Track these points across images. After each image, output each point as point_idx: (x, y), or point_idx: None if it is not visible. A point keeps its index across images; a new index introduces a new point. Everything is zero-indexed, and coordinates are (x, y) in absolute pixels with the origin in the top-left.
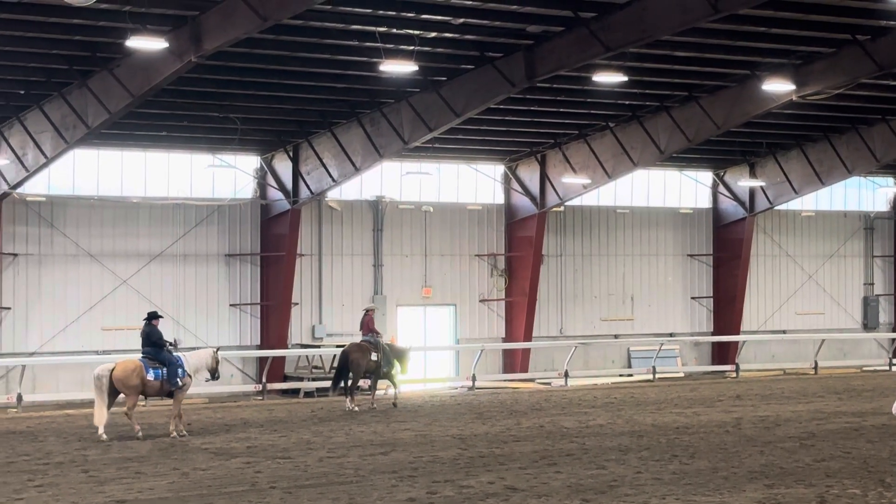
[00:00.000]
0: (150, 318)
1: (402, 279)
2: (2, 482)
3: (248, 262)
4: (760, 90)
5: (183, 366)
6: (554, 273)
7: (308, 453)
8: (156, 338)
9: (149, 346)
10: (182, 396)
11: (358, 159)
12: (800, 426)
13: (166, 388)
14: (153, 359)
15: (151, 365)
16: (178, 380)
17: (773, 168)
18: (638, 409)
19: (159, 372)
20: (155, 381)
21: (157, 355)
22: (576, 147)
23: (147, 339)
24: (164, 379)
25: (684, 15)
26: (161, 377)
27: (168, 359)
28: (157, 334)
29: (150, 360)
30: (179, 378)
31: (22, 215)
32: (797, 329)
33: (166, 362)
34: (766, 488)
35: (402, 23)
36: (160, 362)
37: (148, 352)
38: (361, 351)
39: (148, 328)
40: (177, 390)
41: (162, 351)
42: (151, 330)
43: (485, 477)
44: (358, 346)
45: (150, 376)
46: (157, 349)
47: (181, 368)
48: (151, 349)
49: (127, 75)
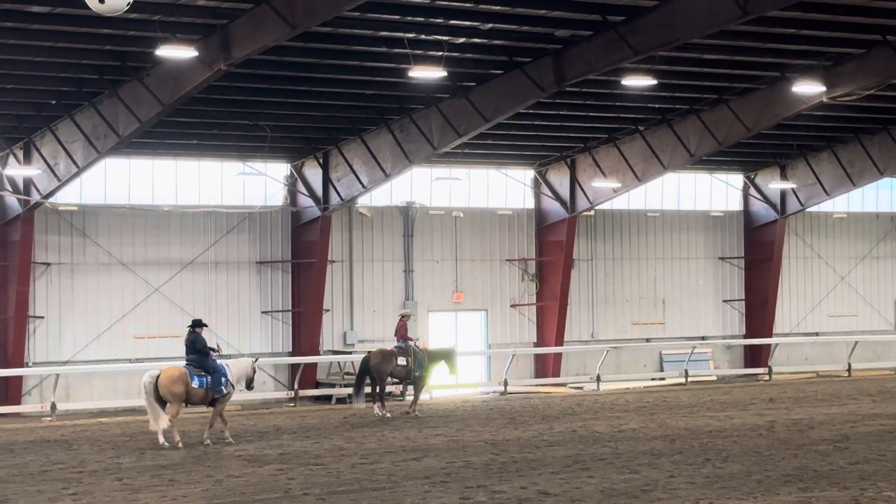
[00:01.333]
0: (194, 325)
1: (433, 285)
2: (36, 490)
3: (279, 269)
4: (790, 92)
5: (227, 374)
6: (585, 277)
7: (341, 460)
8: (201, 345)
9: (193, 353)
10: (224, 406)
11: (388, 165)
12: (833, 429)
13: (210, 396)
14: (198, 366)
15: (196, 372)
16: (223, 388)
17: (804, 170)
18: (670, 413)
19: (204, 380)
20: (200, 389)
21: (201, 363)
22: (605, 151)
23: (192, 347)
24: (208, 387)
25: (713, 17)
26: (206, 385)
27: (213, 366)
28: (201, 342)
29: (196, 368)
30: (224, 386)
31: (54, 225)
32: (830, 331)
33: (211, 370)
34: (799, 491)
35: (430, 29)
36: (205, 370)
37: (193, 359)
38: (384, 356)
39: (192, 336)
40: (220, 399)
41: (207, 359)
42: (196, 337)
43: (517, 482)
44: (380, 351)
45: (196, 384)
46: (202, 357)
47: (225, 377)
48: (196, 357)
49: (157, 84)
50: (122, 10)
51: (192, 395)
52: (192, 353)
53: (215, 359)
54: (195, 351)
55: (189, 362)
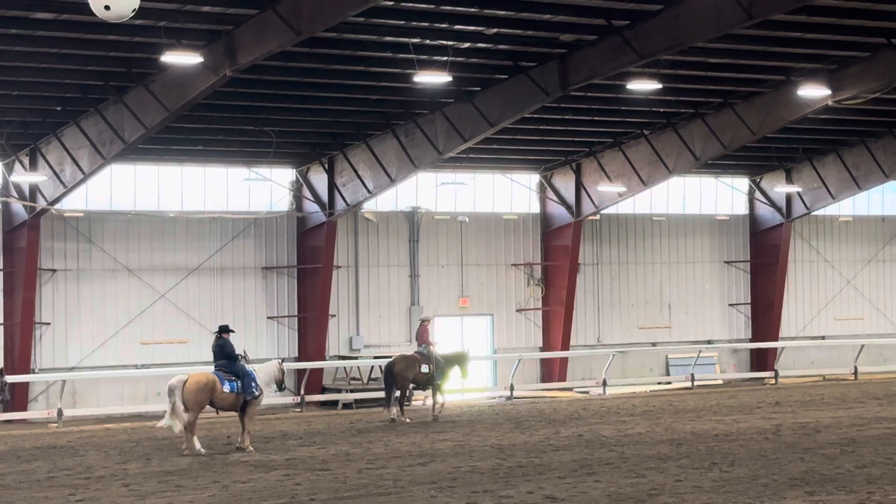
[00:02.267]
0: (221, 331)
1: (438, 289)
2: (43, 497)
3: (284, 274)
4: (796, 95)
5: (256, 378)
6: (591, 281)
7: (347, 465)
8: (229, 350)
9: (222, 358)
10: (255, 410)
11: (393, 170)
12: (840, 432)
13: (240, 401)
14: (228, 371)
15: (226, 377)
16: (254, 391)
17: (810, 173)
18: (677, 417)
19: (235, 384)
20: (230, 394)
21: (231, 368)
22: (611, 155)
23: (220, 352)
24: (239, 391)
25: (718, 21)
26: (237, 390)
27: (242, 371)
28: (230, 347)
29: (225, 373)
30: (254, 390)
31: (60, 231)
32: (836, 335)
33: (241, 374)
34: (807, 495)
35: (435, 34)
36: (234, 375)
37: (222, 364)
38: (408, 363)
39: (221, 341)
40: (251, 403)
41: (236, 363)
42: (224, 343)
43: (524, 487)
44: (403, 357)
45: (227, 388)
46: (231, 362)
47: (254, 381)
48: (225, 362)
49: (162, 90)
50: (128, 16)
51: (222, 400)
52: (221, 359)
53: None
54: (224, 356)
55: (218, 368)
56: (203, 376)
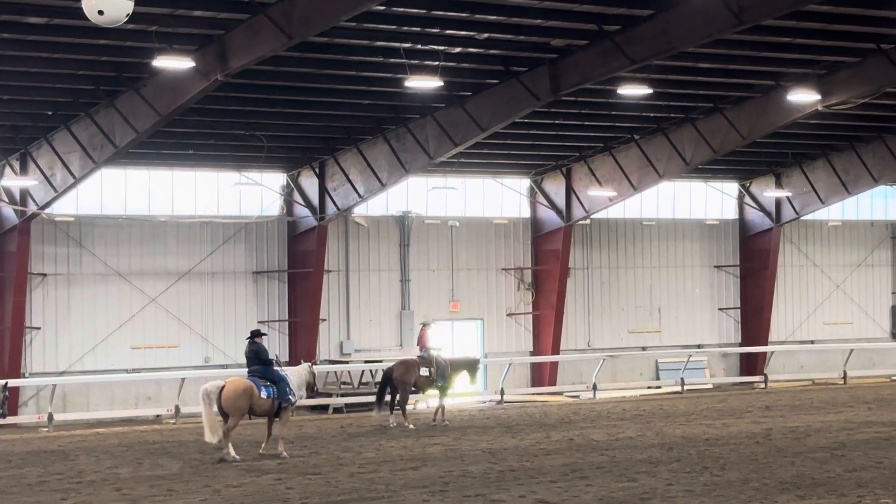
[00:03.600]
0: (254, 336)
1: (429, 294)
2: (35, 501)
3: (275, 278)
4: (785, 100)
5: (289, 383)
6: (581, 286)
7: (338, 469)
8: (264, 356)
9: (257, 364)
10: (289, 416)
11: (384, 175)
12: (830, 436)
13: (275, 407)
14: (263, 377)
15: (262, 383)
16: (289, 396)
17: (799, 178)
18: (667, 421)
19: (271, 390)
20: (266, 400)
21: (265, 373)
22: (601, 160)
23: (255, 358)
24: (274, 397)
25: (708, 27)
26: (272, 395)
27: (277, 376)
28: (265, 352)
29: (261, 379)
30: (290, 395)
31: (51, 235)
32: (825, 339)
33: (276, 380)
34: (797, 499)
35: (426, 39)
36: (270, 380)
37: (256, 370)
38: (406, 367)
39: (255, 346)
40: (285, 409)
41: (270, 368)
42: (259, 348)
43: (515, 491)
44: (402, 362)
45: (263, 394)
46: (266, 367)
47: (289, 386)
48: (260, 367)
49: (154, 95)
50: (121, 21)
51: (260, 406)
52: (256, 364)
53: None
54: (259, 361)
55: (252, 373)
56: (241, 382)
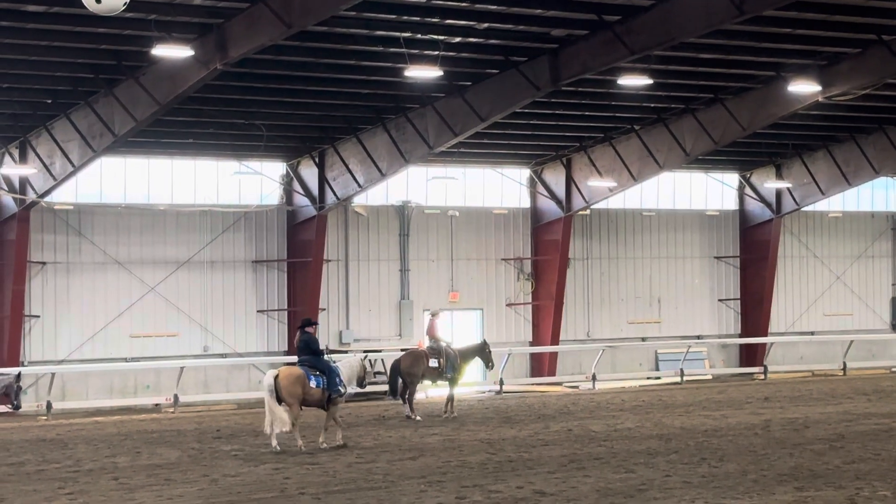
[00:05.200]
0: (305, 325)
1: (428, 284)
2: (32, 490)
3: (275, 268)
4: (786, 91)
5: (340, 374)
6: (581, 276)
7: (337, 459)
8: (315, 346)
9: (308, 353)
10: (339, 407)
11: (384, 165)
12: (829, 428)
13: (325, 397)
14: (313, 366)
15: (312, 373)
16: (339, 388)
17: (800, 169)
18: (666, 412)
19: (320, 380)
20: (317, 390)
21: (316, 363)
22: (601, 150)
23: (306, 348)
24: (324, 387)
25: (709, 17)
26: (322, 385)
27: (327, 367)
28: (316, 342)
29: (311, 368)
30: (339, 386)
31: (50, 224)
32: (825, 330)
33: (326, 370)
34: (795, 491)
35: (426, 28)
36: (320, 370)
37: (306, 360)
38: (414, 359)
39: (306, 336)
40: (335, 400)
41: (321, 359)
42: (310, 338)
43: (513, 481)
44: (411, 353)
45: (313, 384)
46: (317, 357)
47: (339, 377)
48: (310, 357)
49: (153, 83)
50: (119, 9)
51: (311, 395)
52: (307, 354)
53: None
54: (310, 351)
55: (302, 363)
56: (293, 369)
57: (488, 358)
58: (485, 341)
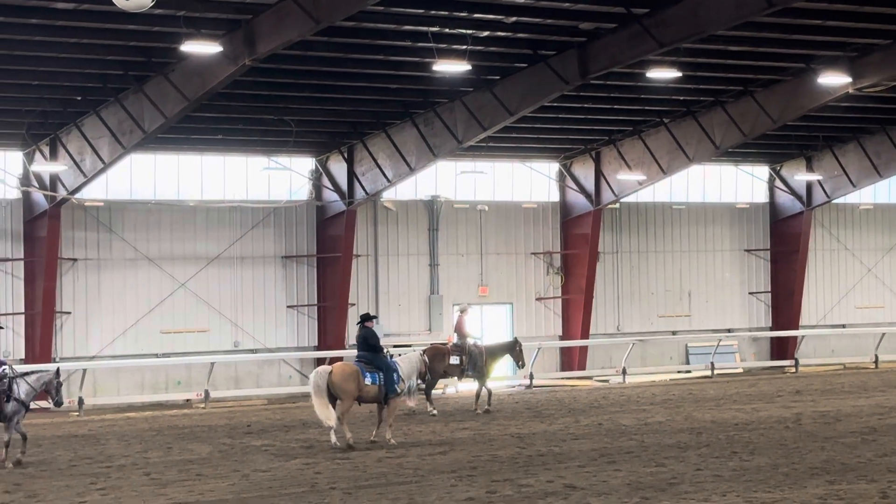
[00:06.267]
0: (364, 319)
1: (458, 278)
2: (65, 485)
3: (304, 263)
4: (816, 83)
5: (399, 371)
6: (610, 270)
7: (367, 453)
8: (374, 341)
9: (366, 349)
10: (398, 405)
11: (412, 159)
12: (861, 421)
13: (382, 394)
14: (369, 363)
15: (368, 369)
16: (397, 386)
17: (831, 161)
18: (697, 406)
19: (376, 377)
20: (372, 386)
21: (373, 360)
22: (630, 143)
23: (365, 343)
24: (381, 384)
25: (738, 9)
26: (378, 382)
27: (385, 363)
28: (375, 338)
29: (367, 365)
30: (397, 384)
31: (80, 220)
32: (857, 323)
33: (383, 367)
34: (827, 484)
35: (454, 22)
36: (377, 367)
37: (364, 356)
38: (436, 353)
39: (365, 331)
40: (393, 397)
41: (379, 355)
42: (368, 333)
43: (544, 476)
44: (433, 348)
45: (368, 381)
46: (374, 353)
47: (397, 374)
48: (368, 353)
49: (182, 80)
50: (147, 6)
51: (366, 392)
52: (365, 349)
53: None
54: (368, 347)
55: (359, 359)
56: (347, 366)
57: (519, 357)
58: (516, 339)
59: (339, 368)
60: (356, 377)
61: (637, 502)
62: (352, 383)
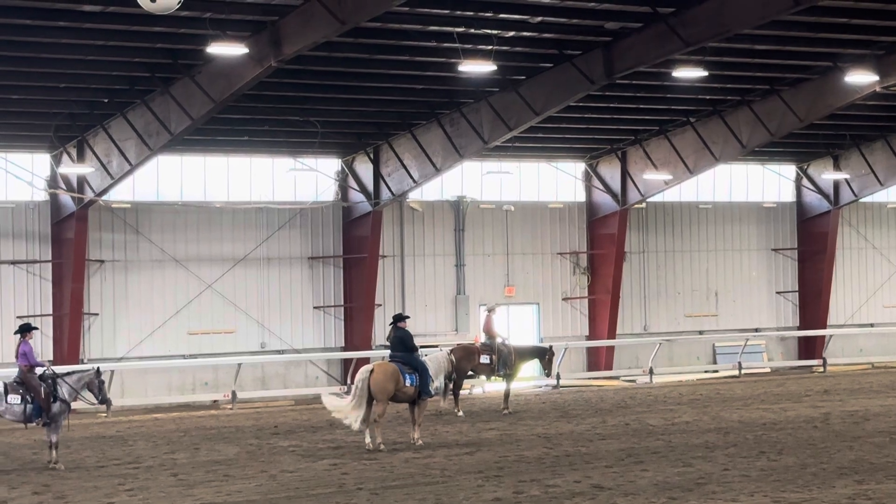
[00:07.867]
0: (397, 320)
1: (484, 279)
2: (93, 486)
3: (330, 264)
4: (843, 82)
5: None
6: (637, 270)
7: (394, 454)
8: (410, 343)
9: (402, 350)
10: (427, 405)
11: (438, 160)
12: (889, 420)
13: (416, 395)
14: (407, 363)
15: (406, 370)
16: (431, 388)
17: (858, 160)
18: (724, 406)
19: (414, 378)
20: (410, 387)
21: (409, 360)
22: (656, 143)
23: (401, 344)
24: (416, 385)
25: (764, 8)
26: (415, 384)
27: (422, 365)
28: (411, 339)
29: (404, 365)
30: (431, 385)
31: (108, 222)
32: (885, 322)
33: (420, 368)
34: (855, 484)
35: (480, 23)
36: (413, 368)
37: (399, 356)
38: (465, 352)
39: (400, 332)
40: (424, 399)
41: (414, 356)
42: (404, 334)
43: (571, 476)
44: (462, 348)
45: (407, 382)
46: (410, 353)
47: (430, 377)
48: (404, 354)
49: (208, 81)
50: (174, 8)
51: (403, 393)
52: (401, 350)
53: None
54: (404, 348)
55: (394, 359)
56: (389, 366)
57: (548, 364)
58: (550, 347)
59: (381, 368)
60: (396, 377)
61: (664, 502)
62: (391, 384)
